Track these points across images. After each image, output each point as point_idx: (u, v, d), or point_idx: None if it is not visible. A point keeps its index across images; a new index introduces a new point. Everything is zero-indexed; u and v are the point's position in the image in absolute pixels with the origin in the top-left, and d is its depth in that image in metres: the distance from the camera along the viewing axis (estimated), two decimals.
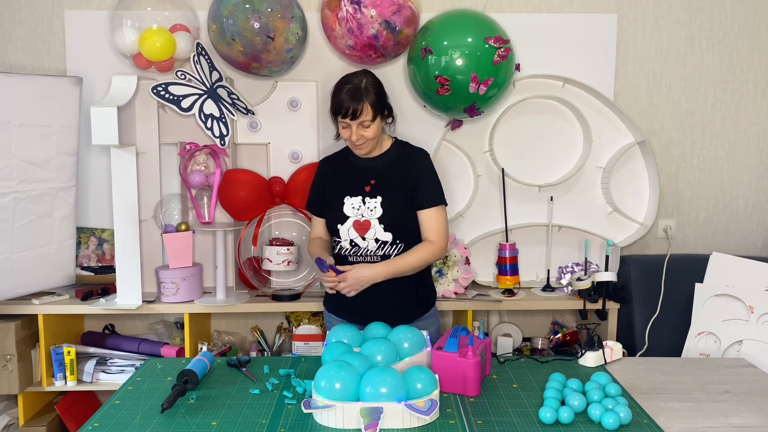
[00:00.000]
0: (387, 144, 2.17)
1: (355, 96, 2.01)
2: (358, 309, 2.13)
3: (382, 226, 2.07)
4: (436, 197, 2.12)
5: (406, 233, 2.11)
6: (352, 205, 2.10)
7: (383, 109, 2.09)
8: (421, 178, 2.12)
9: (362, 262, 2.11)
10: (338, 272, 2.03)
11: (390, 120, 2.16)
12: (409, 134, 2.75)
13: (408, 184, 2.10)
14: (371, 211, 2.08)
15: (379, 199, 2.08)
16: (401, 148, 2.19)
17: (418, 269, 2.10)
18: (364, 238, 2.09)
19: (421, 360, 1.76)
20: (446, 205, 2.15)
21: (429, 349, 1.80)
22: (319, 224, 2.26)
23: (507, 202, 2.74)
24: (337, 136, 2.18)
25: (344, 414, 1.52)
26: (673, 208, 2.92)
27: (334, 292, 2.08)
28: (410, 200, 2.10)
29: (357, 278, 2.03)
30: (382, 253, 2.10)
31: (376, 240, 2.09)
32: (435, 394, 1.58)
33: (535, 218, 2.82)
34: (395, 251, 2.10)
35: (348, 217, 2.10)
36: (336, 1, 2.43)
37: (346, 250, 2.12)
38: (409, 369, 1.63)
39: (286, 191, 2.66)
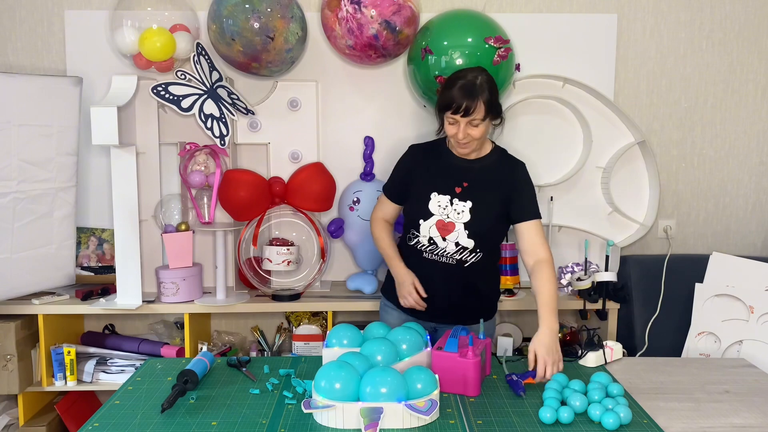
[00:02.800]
0: (487, 148, 2.08)
1: (470, 93, 1.90)
2: (427, 308, 2.10)
3: (467, 232, 2.00)
4: (535, 210, 2.04)
5: (488, 242, 2.04)
6: (438, 202, 2.02)
7: (495, 110, 1.98)
8: (522, 189, 2.05)
9: (436, 261, 2.05)
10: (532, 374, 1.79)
11: (498, 122, 2.05)
12: (409, 134, 2.75)
13: (503, 193, 2.02)
14: (458, 214, 2.00)
15: (469, 203, 2.00)
16: (501, 155, 2.10)
17: None
18: (444, 239, 2.02)
19: (421, 360, 1.76)
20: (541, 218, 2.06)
21: (429, 349, 1.80)
22: (388, 207, 2.18)
23: None
24: (439, 131, 2.07)
25: (344, 414, 1.52)
26: (673, 208, 2.92)
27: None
28: (501, 210, 2.03)
29: (550, 350, 1.79)
30: (459, 257, 2.03)
31: (456, 244, 2.02)
32: (435, 394, 1.58)
33: None
34: (473, 258, 2.03)
35: (432, 215, 2.02)
36: (336, 1, 2.42)
37: (423, 246, 2.05)
38: (409, 369, 1.63)
39: (286, 191, 2.66)
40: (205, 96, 2.49)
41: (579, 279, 2.63)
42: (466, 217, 2.00)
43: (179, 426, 1.55)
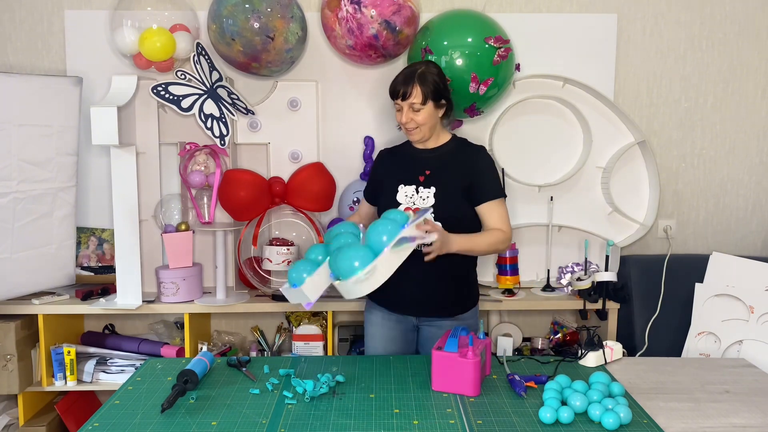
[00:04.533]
0: (445, 138, 2.19)
1: (407, 79, 2.07)
2: (401, 301, 2.14)
3: (433, 216, 2.07)
4: (496, 190, 2.13)
5: (456, 226, 2.06)
6: (405, 193, 2.12)
7: (437, 97, 2.08)
8: (481, 172, 2.12)
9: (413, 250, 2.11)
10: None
11: (445, 108, 2.14)
12: None
13: (465, 177, 2.10)
14: (423, 200, 2.09)
15: (432, 189, 2.09)
16: (459, 142, 2.20)
17: (487, 253, 2.11)
18: None
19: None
20: (506, 197, 2.17)
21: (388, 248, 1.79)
22: (364, 208, 2.33)
23: (507, 202, 2.73)
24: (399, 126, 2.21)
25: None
26: (673, 208, 2.92)
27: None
28: (465, 194, 2.10)
29: (443, 237, 1.93)
30: (431, 242, 2.05)
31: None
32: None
33: (535, 218, 2.82)
34: None
35: (400, 204, 2.11)
36: (336, 1, 2.43)
37: None
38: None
39: (286, 191, 2.66)
40: (205, 96, 2.49)
41: (579, 279, 2.63)
42: (431, 202, 2.09)
43: (179, 426, 1.55)
